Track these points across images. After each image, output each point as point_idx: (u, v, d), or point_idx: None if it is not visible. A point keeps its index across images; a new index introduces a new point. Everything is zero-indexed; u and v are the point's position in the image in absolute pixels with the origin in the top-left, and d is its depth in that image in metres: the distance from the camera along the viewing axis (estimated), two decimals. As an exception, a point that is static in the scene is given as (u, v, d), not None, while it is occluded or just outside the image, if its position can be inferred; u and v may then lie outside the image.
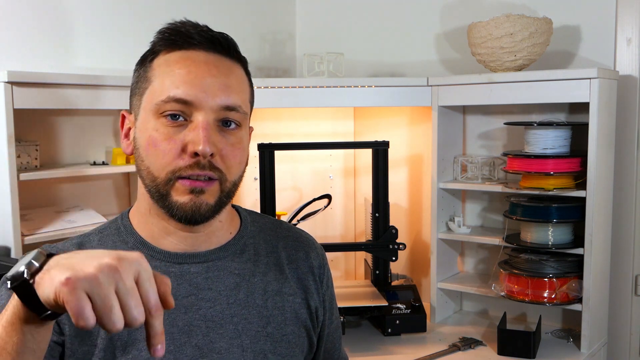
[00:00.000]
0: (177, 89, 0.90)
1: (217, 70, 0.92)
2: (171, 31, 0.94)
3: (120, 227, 1.00)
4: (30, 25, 1.92)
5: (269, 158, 2.18)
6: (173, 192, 0.90)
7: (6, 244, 1.70)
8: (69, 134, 2.02)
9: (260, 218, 1.10)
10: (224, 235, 1.01)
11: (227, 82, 0.92)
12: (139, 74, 0.96)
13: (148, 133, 0.91)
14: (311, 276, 1.06)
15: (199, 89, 0.90)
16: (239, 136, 0.94)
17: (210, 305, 0.95)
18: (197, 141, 0.88)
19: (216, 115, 0.91)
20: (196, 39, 0.93)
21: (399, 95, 2.23)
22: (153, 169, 0.91)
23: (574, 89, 1.92)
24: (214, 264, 0.98)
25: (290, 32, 2.84)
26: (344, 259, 2.64)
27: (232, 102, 0.92)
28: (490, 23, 2.04)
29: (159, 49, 0.94)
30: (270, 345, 0.98)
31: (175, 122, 0.90)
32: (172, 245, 0.97)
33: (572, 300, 1.99)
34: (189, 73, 0.90)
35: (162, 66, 0.93)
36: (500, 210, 2.33)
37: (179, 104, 0.90)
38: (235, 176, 0.94)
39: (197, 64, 0.91)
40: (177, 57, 0.92)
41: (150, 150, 0.91)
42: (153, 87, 0.92)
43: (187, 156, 0.89)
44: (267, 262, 1.03)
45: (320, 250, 1.12)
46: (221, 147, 0.91)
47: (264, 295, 1.00)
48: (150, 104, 0.92)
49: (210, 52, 0.93)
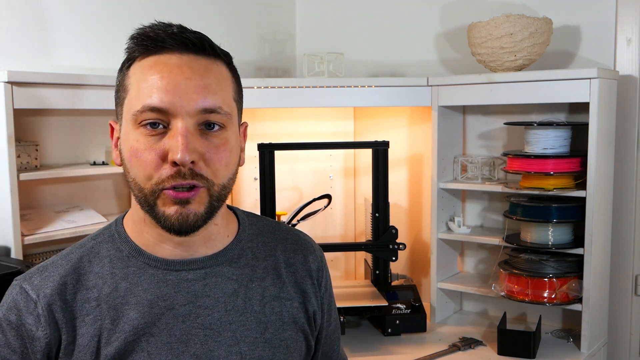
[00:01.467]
0: (151, 97, 0.87)
1: (192, 71, 0.88)
2: (142, 36, 0.90)
3: (114, 234, 0.98)
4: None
5: (269, 158, 2.18)
6: (159, 203, 0.88)
7: (6, 244, 1.70)
8: (69, 134, 2.02)
9: (258, 220, 1.08)
10: (221, 239, 0.99)
11: (204, 83, 0.88)
12: (118, 82, 0.94)
13: (130, 144, 0.89)
14: (309, 280, 1.05)
15: (173, 95, 0.87)
16: (223, 138, 0.91)
17: (208, 312, 0.94)
18: (176, 149, 0.85)
19: (196, 119, 0.88)
20: (167, 42, 0.89)
21: (399, 95, 2.23)
22: (138, 180, 0.89)
23: (574, 89, 1.92)
24: (211, 270, 0.96)
25: (290, 32, 2.84)
26: (344, 259, 2.64)
27: (211, 104, 0.88)
28: (490, 23, 2.04)
29: (134, 56, 0.91)
30: (269, 351, 0.97)
31: (154, 130, 0.87)
32: (168, 252, 0.95)
33: (572, 300, 1.99)
34: (162, 79, 0.87)
35: (137, 73, 0.90)
36: (500, 210, 2.33)
37: (154, 113, 0.87)
38: (223, 179, 0.92)
39: (170, 67, 0.88)
40: (150, 63, 0.89)
41: (133, 161, 0.89)
42: (130, 97, 0.90)
43: (168, 165, 0.87)
44: (265, 266, 1.02)
45: (319, 252, 1.11)
46: (204, 152, 0.88)
47: (262, 300, 0.99)
48: (129, 114, 0.90)
49: (184, 53, 0.89)
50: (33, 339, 0.90)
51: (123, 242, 0.97)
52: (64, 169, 1.89)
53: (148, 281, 0.93)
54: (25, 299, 0.91)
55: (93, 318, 0.91)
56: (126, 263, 0.95)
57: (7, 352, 0.92)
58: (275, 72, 2.77)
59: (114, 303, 0.92)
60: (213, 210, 0.92)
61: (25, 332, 0.91)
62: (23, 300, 0.92)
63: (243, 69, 2.75)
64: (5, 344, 0.92)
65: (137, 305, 0.92)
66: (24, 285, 0.93)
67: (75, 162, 2.04)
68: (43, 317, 0.90)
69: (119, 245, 0.97)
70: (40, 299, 0.91)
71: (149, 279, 0.94)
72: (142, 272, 0.94)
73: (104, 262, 0.95)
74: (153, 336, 0.91)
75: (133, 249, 0.96)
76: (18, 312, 0.91)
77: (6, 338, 0.92)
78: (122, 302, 0.92)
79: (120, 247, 0.96)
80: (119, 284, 0.93)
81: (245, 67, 2.63)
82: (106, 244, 0.97)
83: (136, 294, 0.93)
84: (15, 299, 0.92)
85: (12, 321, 0.92)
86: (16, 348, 0.92)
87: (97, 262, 0.95)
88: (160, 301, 0.93)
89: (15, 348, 0.92)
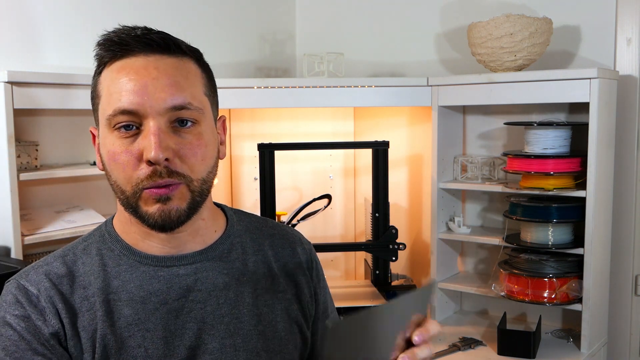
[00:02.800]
0: (121, 100, 0.88)
1: (158, 71, 0.90)
2: (107, 42, 0.92)
3: (104, 234, 1.00)
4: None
5: (269, 158, 2.18)
6: (142, 203, 0.90)
7: (6, 244, 1.70)
8: (68, 134, 2.02)
9: (246, 217, 1.10)
10: (209, 234, 1.00)
11: (171, 82, 0.90)
12: (92, 88, 0.96)
13: (107, 148, 0.91)
14: (300, 271, 1.07)
15: (142, 96, 0.88)
16: (196, 132, 0.92)
17: (201, 306, 0.95)
18: (149, 148, 0.87)
19: (167, 117, 0.89)
20: (132, 44, 0.90)
21: (399, 95, 2.23)
22: (119, 183, 0.91)
23: (574, 89, 1.92)
24: (202, 265, 0.98)
25: (290, 32, 2.84)
26: (344, 259, 2.64)
27: (180, 101, 0.90)
28: (490, 23, 2.04)
29: (103, 61, 0.93)
30: (263, 343, 0.98)
31: (128, 132, 0.89)
32: (158, 249, 0.96)
33: (572, 300, 1.99)
34: (129, 81, 0.89)
35: (106, 79, 0.92)
36: (500, 210, 2.33)
37: (126, 115, 0.88)
38: (202, 174, 0.93)
39: (136, 69, 0.90)
40: (118, 67, 0.91)
41: (112, 164, 0.91)
42: (102, 102, 0.92)
43: (145, 165, 0.88)
44: (255, 260, 1.03)
45: (308, 245, 1.13)
46: (178, 149, 0.90)
47: (254, 293, 1.00)
48: (103, 118, 0.92)
49: (150, 54, 0.91)
50: (41, 329, 0.89)
51: (114, 242, 0.98)
52: (64, 169, 1.89)
53: (140, 278, 0.95)
54: (26, 294, 0.91)
55: (89, 317, 0.92)
56: (118, 262, 0.96)
57: (23, 345, 0.88)
58: (275, 72, 2.77)
59: (107, 301, 0.93)
60: (196, 205, 0.93)
61: (33, 323, 0.89)
62: (24, 295, 0.91)
63: (243, 69, 2.77)
64: (19, 338, 0.88)
65: (131, 302, 0.93)
66: (22, 282, 0.92)
67: (75, 162, 2.04)
68: (47, 309, 0.90)
69: (110, 244, 0.98)
70: (41, 292, 0.91)
71: (140, 276, 0.95)
72: (134, 270, 0.95)
73: (95, 261, 0.96)
74: (148, 331, 0.92)
75: (124, 248, 0.97)
76: (22, 306, 0.90)
77: (18, 332, 0.88)
78: (115, 299, 0.93)
79: (111, 246, 0.98)
80: (111, 282, 0.94)
81: (245, 67, 2.63)
82: (97, 244, 0.99)
83: (129, 290, 0.94)
84: (15, 295, 0.91)
85: (19, 315, 0.89)
86: (31, 340, 0.88)
87: (89, 262, 0.96)
88: (153, 297, 0.94)
89: (30, 340, 0.88)
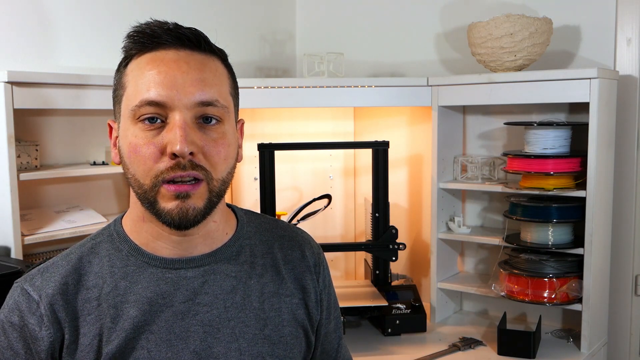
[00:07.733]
0: (149, 91, 0.88)
1: (188, 66, 0.89)
2: (138, 34, 0.91)
3: (113, 233, 0.99)
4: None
5: (269, 158, 2.18)
6: (160, 199, 0.89)
7: (6, 244, 1.70)
8: (69, 134, 2.02)
9: (257, 218, 1.09)
10: (219, 236, 1.00)
11: (200, 77, 0.90)
12: (116, 81, 0.95)
13: (128, 140, 0.90)
14: (308, 275, 1.06)
15: (171, 88, 0.88)
16: (221, 131, 0.92)
17: (208, 309, 0.95)
18: (174, 141, 0.86)
19: (193, 112, 0.89)
20: (164, 38, 0.90)
21: (399, 95, 2.23)
22: (138, 176, 0.90)
23: (574, 89, 1.92)
24: (210, 268, 0.97)
25: (290, 32, 2.84)
26: (344, 259, 2.64)
27: (208, 97, 0.89)
28: (490, 23, 2.04)
29: (131, 53, 0.93)
30: (268, 347, 0.97)
31: (153, 125, 0.88)
32: (167, 251, 0.96)
33: (572, 300, 1.99)
34: (159, 73, 0.88)
35: (134, 70, 0.91)
36: (500, 210, 2.33)
37: (152, 107, 0.88)
38: (222, 173, 0.92)
39: (167, 63, 0.89)
40: (147, 60, 0.90)
41: (132, 157, 0.90)
42: (128, 93, 0.91)
43: (167, 158, 0.87)
44: (264, 263, 1.02)
45: (317, 248, 1.11)
46: (202, 145, 0.89)
47: (261, 297, 0.99)
48: (127, 110, 0.91)
49: (180, 49, 0.91)
50: (37, 339, 0.90)
51: (122, 242, 0.97)
52: (64, 169, 1.89)
53: (147, 279, 0.94)
54: (28, 300, 0.92)
55: (94, 317, 0.92)
56: (125, 262, 0.95)
57: (9, 354, 0.92)
58: (275, 72, 2.77)
59: (114, 302, 0.93)
60: (212, 205, 0.92)
61: (29, 332, 0.91)
62: (25, 301, 0.92)
63: (243, 69, 2.77)
64: (7, 346, 0.92)
65: (137, 303, 0.92)
66: (25, 286, 0.93)
67: (75, 162, 2.04)
68: (46, 317, 0.91)
69: (118, 244, 0.97)
70: (42, 299, 0.91)
71: (148, 277, 0.94)
72: (142, 271, 0.95)
73: (103, 261, 0.96)
74: (153, 333, 0.92)
75: (132, 248, 0.96)
76: (20, 314, 0.92)
77: (8, 340, 0.92)
78: (122, 300, 0.93)
79: (119, 246, 0.97)
80: (118, 283, 0.94)
81: (245, 67, 2.63)
82: (105, 243, 0.98)
83: (136, 292, 0.93)
84: (17, 301, 0.93)
85: (15, 323, 0.92)
86: (19, 350, 0.92)
87: (96, 262, 0.96)
88: (159, 299, 0.93)
89: (18, 350, 0.92)
